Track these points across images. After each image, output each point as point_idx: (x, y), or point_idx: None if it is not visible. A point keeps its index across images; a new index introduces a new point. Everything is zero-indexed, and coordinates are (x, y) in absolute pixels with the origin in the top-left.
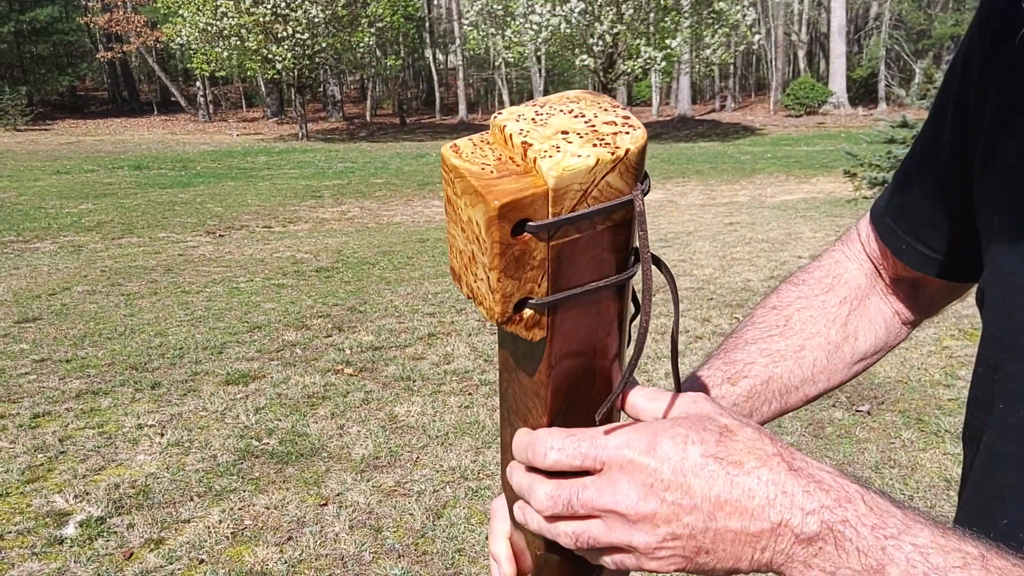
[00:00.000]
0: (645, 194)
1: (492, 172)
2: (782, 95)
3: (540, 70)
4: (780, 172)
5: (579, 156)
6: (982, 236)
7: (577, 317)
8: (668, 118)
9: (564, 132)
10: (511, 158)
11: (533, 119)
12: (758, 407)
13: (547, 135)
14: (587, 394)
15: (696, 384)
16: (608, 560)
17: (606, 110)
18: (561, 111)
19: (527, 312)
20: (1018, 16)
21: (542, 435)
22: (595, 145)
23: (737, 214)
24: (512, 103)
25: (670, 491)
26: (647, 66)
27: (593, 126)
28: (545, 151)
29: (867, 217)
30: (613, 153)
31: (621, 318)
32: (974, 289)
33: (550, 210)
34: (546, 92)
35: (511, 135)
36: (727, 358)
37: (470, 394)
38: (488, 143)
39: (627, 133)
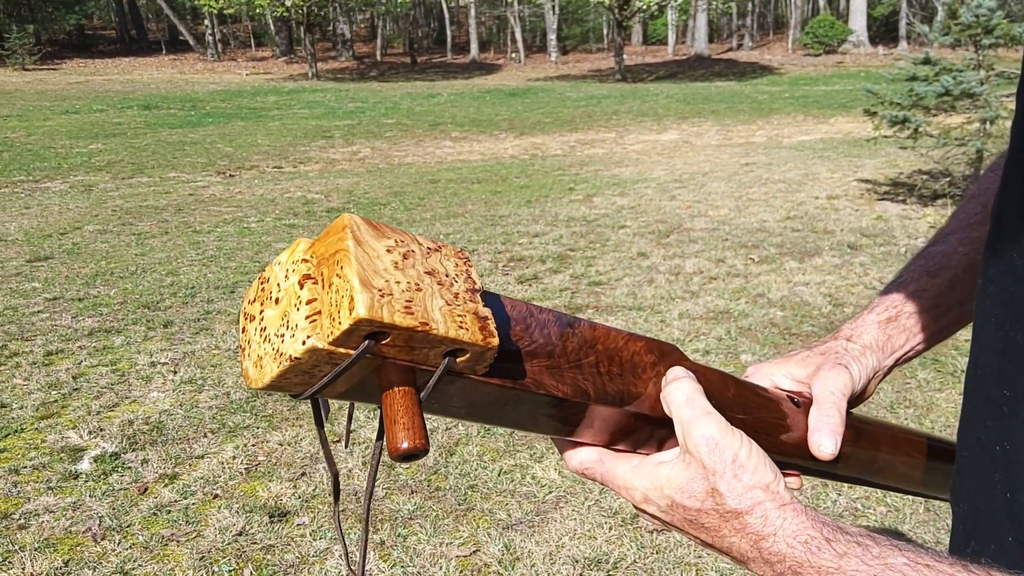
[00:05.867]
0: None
1: None
2: (801, 33)
3: (554, 7)
4: (798, 112)
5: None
6: None
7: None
8: (684, 57)
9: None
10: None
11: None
12: (966, 297)
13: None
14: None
15: (900, 280)
16: None
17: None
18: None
19: None
20: None
21: (569, 457)
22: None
23: (753, 154)
24: (525, 42)
25: (667, 526)
26: (663, 3)
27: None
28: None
29: None
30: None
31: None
32: None
33: None
34: (559, 31)
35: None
36: (926, 252)
37: None
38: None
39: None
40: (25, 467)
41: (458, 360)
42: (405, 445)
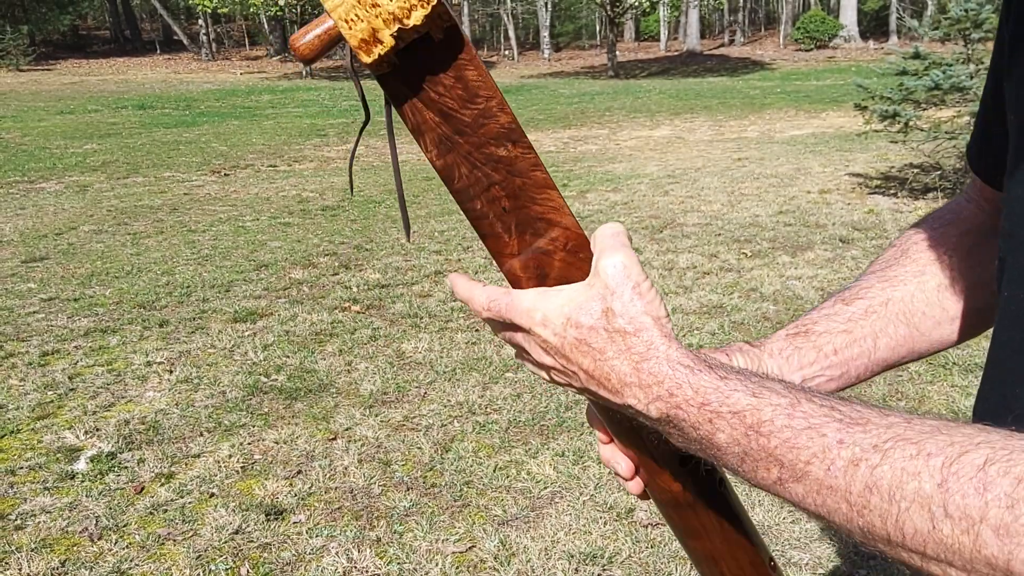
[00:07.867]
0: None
1: None
2: (792, 29)
3: (547, 4)
4: (789, 107)
5: None
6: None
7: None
8: (676, 53)
9: None
10: None
11: None
12: (882, 328)
13: None
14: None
15: (814, 308)
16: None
17: None
18: None
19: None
20: None
21: (477, 294)
22: None
23: (746, 149)
24: (518, 39)
25: (556, 355)
26: None
27: None
28: None
29: None
30: None
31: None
32: None
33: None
34: (552, 28)
35: None
36: (844, 287)
37: (477, 330)
38: None
39: None
40: (21, 468)
41: (360, 59)
42: (298, 45)
